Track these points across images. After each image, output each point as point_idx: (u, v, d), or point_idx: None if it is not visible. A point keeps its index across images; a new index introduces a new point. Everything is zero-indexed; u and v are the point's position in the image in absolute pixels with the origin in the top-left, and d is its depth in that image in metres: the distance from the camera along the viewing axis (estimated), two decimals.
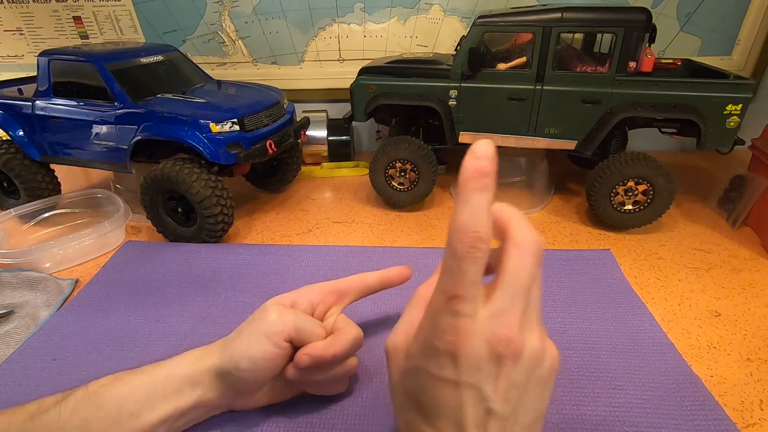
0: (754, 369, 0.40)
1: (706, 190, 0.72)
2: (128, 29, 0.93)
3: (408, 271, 0.41)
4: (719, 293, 0.50)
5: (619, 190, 0.61)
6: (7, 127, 0.69)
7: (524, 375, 0.21)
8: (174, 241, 0.63)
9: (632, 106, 0.60)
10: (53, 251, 0.58)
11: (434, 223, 0.68)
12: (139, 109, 0.61)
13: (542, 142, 0.65)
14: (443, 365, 0.20)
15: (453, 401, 0.21)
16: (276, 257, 0.58)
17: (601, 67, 0.60)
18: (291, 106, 0.75)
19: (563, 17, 0.58)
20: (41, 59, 0.65)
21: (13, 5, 0.92)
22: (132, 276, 0.56)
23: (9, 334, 0.47)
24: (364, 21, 0.88)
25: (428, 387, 0.21)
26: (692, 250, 0.59)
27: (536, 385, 0.21)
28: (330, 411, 0.36)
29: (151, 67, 0.68)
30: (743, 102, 0.57)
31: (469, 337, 0.20)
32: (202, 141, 0.59)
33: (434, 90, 0.66)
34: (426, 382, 0.21)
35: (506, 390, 0.20)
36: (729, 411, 0.36)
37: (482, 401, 0.20)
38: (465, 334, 0.20)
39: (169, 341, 0.45)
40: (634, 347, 0.42)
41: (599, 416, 0.35)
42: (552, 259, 0.55)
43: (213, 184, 0.59)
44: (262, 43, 0.92)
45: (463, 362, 0.20)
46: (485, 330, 0.20)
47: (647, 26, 0.57)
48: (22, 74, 0.86)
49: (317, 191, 0.80)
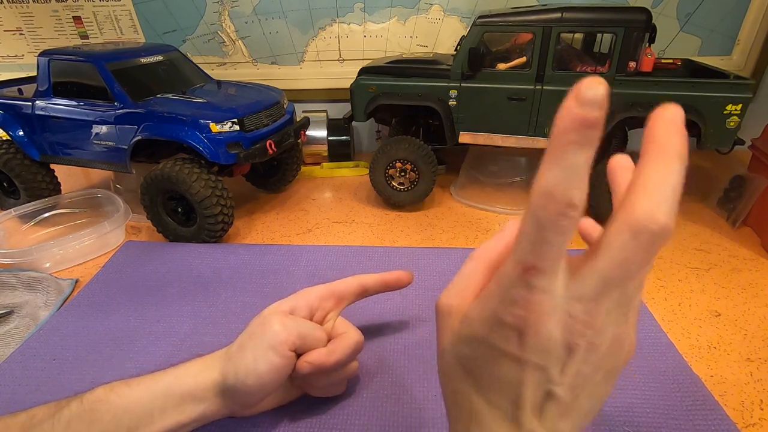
0: (754, 369, 0.40)
1: (706, 190, 0.72)
2: (128, 29, 0.93)
3: (408, 276, 0.40)
4: (719, 293, 0.50)
5: None
6: (7, 127, 0.69)
7: (596, 366, 0.18)
8: (174, 241, 0.63)
9: (632, 106, 0.60)
10: (53, 251, 0.58)
11: (434, 223, 0.68)
12: (139, 109, 0.61)
13: (542, 142, 0.65)
14: (508, 339, 0.18)
15: (513, 377, 0.18)
16: (276, 257, 0.58)
17: (601, 67, 0.60)
18: (291, 106, 0.75)
19: (563, 17, 0.58)
20: (41, 59, 0.65)
21: (13, 5, 0.92)
22: (132, 276, 0.56)
23: (9, 334, 0.47)
24: (364, 21, 0.88)
25: (486, 359, 0.19)
26: (692, 250, 0.59)
27: (606, 376, 0.19)
28: (330, 411, 0.36)
29: (151, 67, 0.68)
30: (743, 102, 0.57)
31: (543, 316, 0.17)
32: (202, 141, 0.59)
33: (434, 90, 0.66)
34: (485, 353, 0.19)
35: (574, 377, 0.18)
36: (729, 411, 0.36)
37: (545, 383, 0.18)
38: (539, 311, 0.17)
39: (169, 341, 0.45)
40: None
41: (599, 416, 0.35)
42: None
43: (213, 184, 0.59)
44: (262, 43, 0.92)
45: (531, 341, 0.18)
46: (563, 311, 0.17)
47: (647, 26, 0.57)
48: (22, 74, 0.86)
49: (317, 191, 0.80)
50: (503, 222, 0.67)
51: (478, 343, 0.19)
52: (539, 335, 0.17)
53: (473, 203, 0.72)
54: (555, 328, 0.17)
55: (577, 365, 0.18)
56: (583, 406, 0.19)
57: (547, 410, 0.18)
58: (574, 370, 0.18)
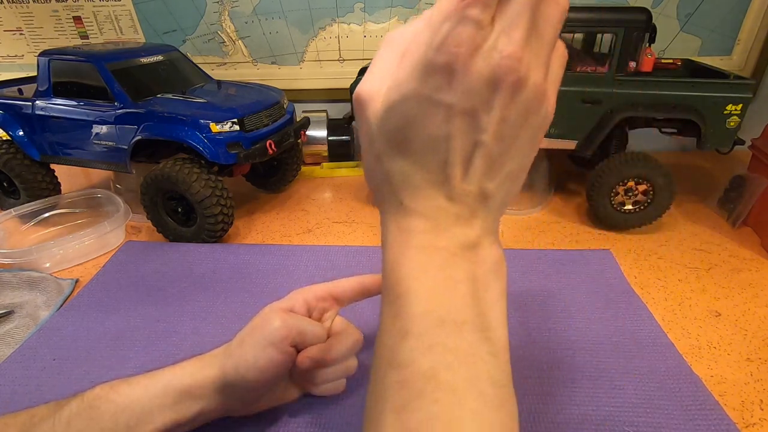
0: (754, 369, 0.40)
1: (706, 190, 0.72)
2: (128, 29, 0.93)
3: None
4: (719, 293, 0.50)
5: (619, 190, 0.61)
6: (7, 127, 0.69)
7: (520, 114, 0.19)
8: (174, 241, 0.63)
9: (632, 106, 0.60)
10: (53, 251, 0.58)
11: None
12: (139, 109, 0.61)
13: (542, 142, 0.65)
14: (439, 86, 0.18)
15: (442, 130, 0.19)
16: (276, 257, 0.58)
17: (601, 67, 0.60)
18: (291, 106, 0.75)
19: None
20: (41, 59, 0.65)
21: (13, 5, 0.92)
22: (132, 276, 0.56)
23: (9, 334, 0.47)
24: (364, 21, 0.88)
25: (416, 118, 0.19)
26: (692, 250, 0.59)
27: (529, 131, 0.20)
28: (330, 411, 0.36)
29: (151, 67, 0.68)
30: (743, 102, 0.57)
31: (475, 51, 0.17)
32: (202, 141, 0.59)
33: None
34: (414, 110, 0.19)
35: (500, 124, 0.18)
36: (729, 411, 0.36)
37: (473, 131, 0.19)
38: (471, 45, 0.17)
39: (169, 341, 0.45)
40: (634, 347, 0.42)
41: (599, 416, 0.35)
42: (552, 259, 0.55)
43: (213, 184, 0.59)
44: (262, 43, 0.92)
45: (461, 80, 0.18)
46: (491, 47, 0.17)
47: (647, 26, 0.57)
48: (22, 74, 0.86)
49: (317, 191, 0.80)
50: (503, 222, 0.67)
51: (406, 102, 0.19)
52: (469, 73, 0.17)
53: None
54: (484, 65, 0.17)
55: (503, 109, 0.18)
56: (508, 165, 0.20)
57: (475, 163, 0.19)
58: (500, 115, 0.18)
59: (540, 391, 0.38)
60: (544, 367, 0.40)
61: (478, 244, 0.20)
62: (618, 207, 0.62)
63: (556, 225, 0.66)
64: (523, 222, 0.67)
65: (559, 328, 0.45)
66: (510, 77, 0.18)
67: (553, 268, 0.53)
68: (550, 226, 0.65)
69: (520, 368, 0.40)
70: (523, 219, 0.68)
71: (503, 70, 0.17)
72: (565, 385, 0.38)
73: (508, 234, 0.64)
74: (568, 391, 0.38)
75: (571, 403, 0.36)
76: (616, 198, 0.62)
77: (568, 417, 0.35)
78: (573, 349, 0.42)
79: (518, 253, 0.57)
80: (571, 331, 0.44)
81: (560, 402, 0.37)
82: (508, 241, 0.62)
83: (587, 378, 0.39)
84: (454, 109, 0.18)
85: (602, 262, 0.55)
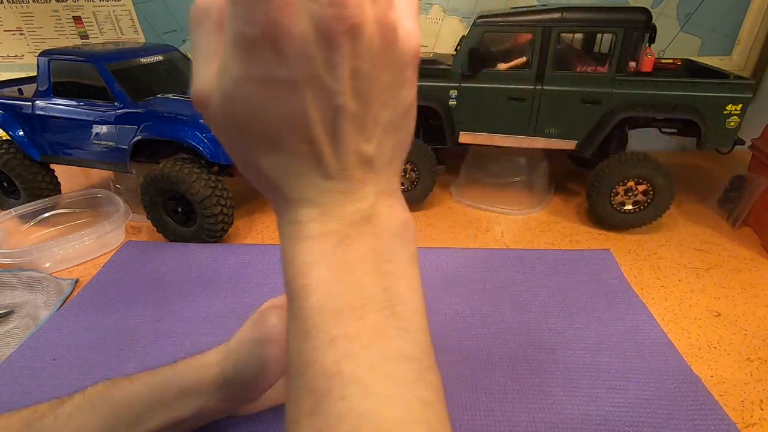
0: (754, 369, 0.40)
1: (706, 190, 0.72)
2: (128, 29, 0.93)
3: None
4: (719, 293, 0.50)
5: (619, 190, 0.61)
6: (7, 127, 0.69)
7: (371, 61, 0.16)
8: (174, 241, 0.63)
9: (632, 106, 0.60)
10: (53, 251, 0.58)
11: (434, 223, 0.68)
12: (139, 109, 0.61)
13: (542, 142, 0.65)
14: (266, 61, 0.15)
15: (293, 107, 0.16)
16: (276, 257, 0.58)
17: (601, 67, 0.60)
18: None
19: (563, 17, 0.58)
20: (41, 59, 0.65)
21: (13, 5, 0.92)
22: (132, 276, 0.56)
23: (9, 334, 0.47)
24: None
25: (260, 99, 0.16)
26: (692, 250, 0.59)
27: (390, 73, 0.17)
28: None
29: (151, 67, 0.68)
30: (743, 102, 0.57)
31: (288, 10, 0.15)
32: (202, 141, 0.59)
33: (434, 90, 0.66)
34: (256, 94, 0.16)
35: (352, 79, 0.16)
36: (729, 411, 0.36)
37: (326, 97, 0.16)
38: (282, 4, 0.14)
39: (169, 341, 0.45)
40: (634, 347, 0.42)
41: (599, 416, 0.35)
42: (552, 259, 0.55)
43: (213, 184, 0.59)
44: None
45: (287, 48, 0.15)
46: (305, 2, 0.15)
47: (647, 26, 0.57)
48: (22, 74, 0.86)
49: None
50: (503, 222, 0.67)
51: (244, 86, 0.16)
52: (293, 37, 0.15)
53: (473, 203, 0.72)
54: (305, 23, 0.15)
55: (348, 62, 0.16)
56: (382, 116, 0.18)
57: (342, 130, 0.17)
58: (348, 70, 0.16)
59: (540, 391, 0.38)
60: (544, 367, 0.40)
61: (374, 213, 0.18)
62: (618, 207, 0.62)
63: (555, 225, 0.66)
64: (523, 222, 0.67)
65: (559, 328, 0.45)
66: (339, 26, 0.15)
67: (553, 268, 0.53)
68: (550, 226, 0.65)
69: (521, 368, 0.40)
70: (523, 219, 0.68)
71: (329, 22, 0.15)
72: (565, 385, 0.38)
73: (508, 234, 0.64)
74: (568, 391, 0.38)
75: (570, 402, 0.36)
76: (616, 198, 0.62)
77: (568, 417, 0.35)
78: (573, 349, 0.42)
79: (518, 253, 0.57)
80: (571, 331, 0.44)
81: (560, 402, 0.37)
82: (508, 241, 0.62)
83: (587, 378, 0.39)
84: (296, 82, 0.16)
85: (602, 262, 0.55)
